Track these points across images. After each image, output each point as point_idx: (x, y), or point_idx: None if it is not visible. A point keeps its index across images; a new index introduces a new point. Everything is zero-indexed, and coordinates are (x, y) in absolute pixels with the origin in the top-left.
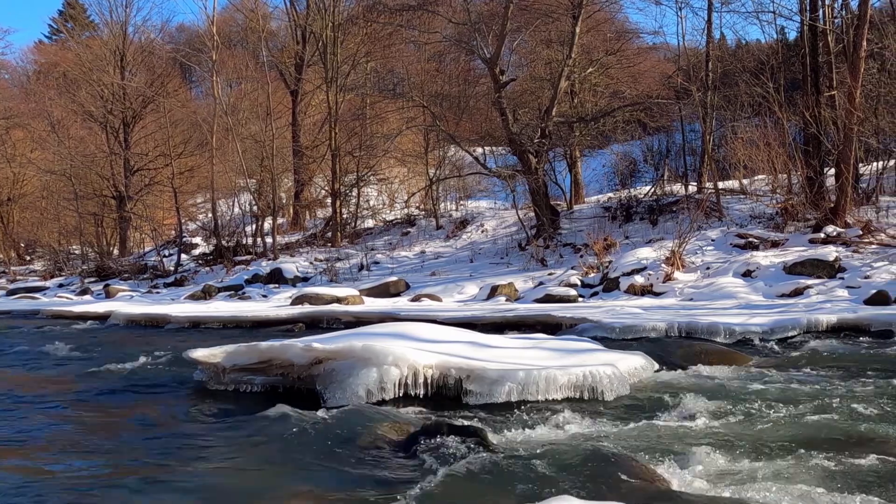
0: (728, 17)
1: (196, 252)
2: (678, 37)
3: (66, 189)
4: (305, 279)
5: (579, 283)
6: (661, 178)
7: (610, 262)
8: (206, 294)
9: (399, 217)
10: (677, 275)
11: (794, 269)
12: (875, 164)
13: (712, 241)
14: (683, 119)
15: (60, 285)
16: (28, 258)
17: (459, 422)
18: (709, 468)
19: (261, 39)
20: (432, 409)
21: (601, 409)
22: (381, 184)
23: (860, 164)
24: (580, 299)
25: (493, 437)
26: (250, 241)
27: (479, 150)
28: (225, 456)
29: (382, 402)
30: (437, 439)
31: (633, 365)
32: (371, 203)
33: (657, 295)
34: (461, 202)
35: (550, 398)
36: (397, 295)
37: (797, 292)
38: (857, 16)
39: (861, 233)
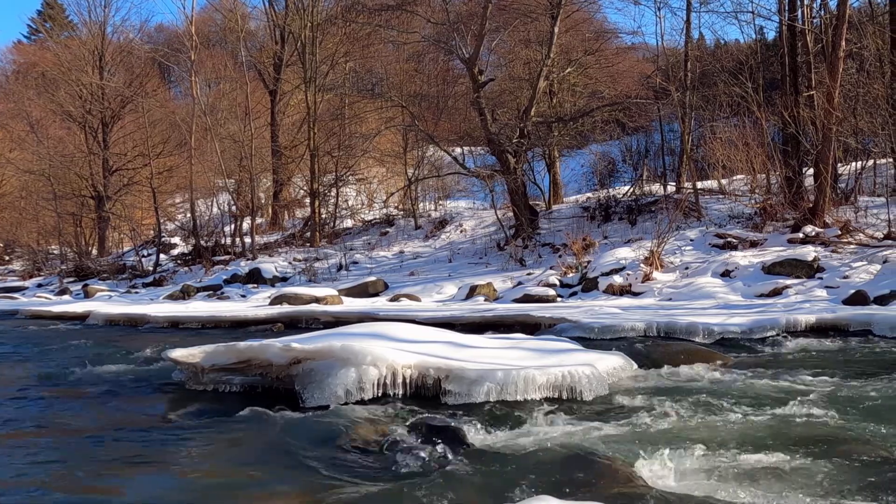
0: (707, 17)
1: (175, 252)
2: (657, 37)
3: (45, 189)
4: (284, 279)
5: (558, 283)
6: (640, 177)
7: (589, 262)
8: (184, 294)
9: (378, 217)
10: (656, 275)
11: (772, 269)
12: (854, 164)
13: (691, 240)
14: (662, 119)
15: (39, 285)
16: (7, 258)
17: (438, 422)
18: (687, 467)
19: (239, 39)
20: (411, 409)
21: (580, 408)
22: (359, 184)
23: (839, 164)
24: (559, 299)
25: (471, 437)
26: (229, 241)
27: (458, 150)
28: (202, 456)
29: (361, 402)
30: (416, 439)
31: (612, 365)
32: (350, 203)
33: (636, 295)
34: (440, 202)
35: (529, 398)
36: (376, 295)
37: (776, 292)
38: (836, 16)
39: (840, 233)
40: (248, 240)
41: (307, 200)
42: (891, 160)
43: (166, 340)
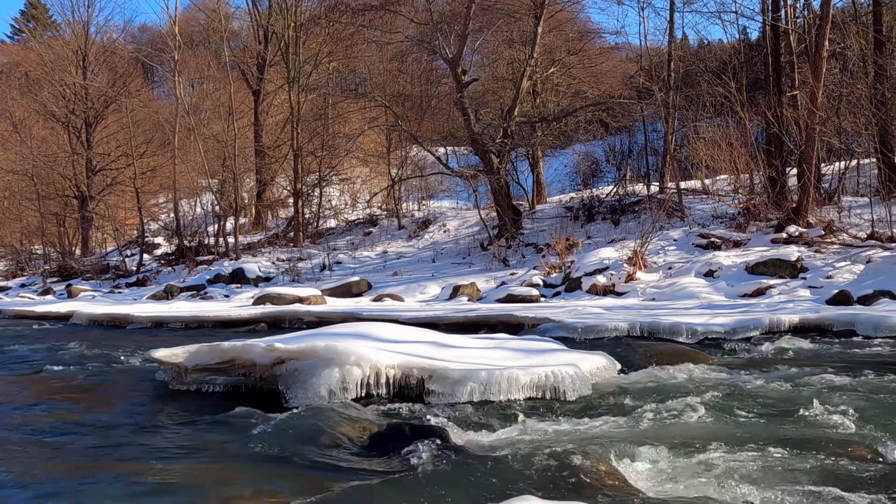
0: (690, 16)
1: (158, 252)
2: (640, 37)
3: (29, 189)
4: (267, 279)
5: (541, 283)
6: (624, 178)
7: (572, 262)
8: (168, 294)
9: (361, 217)
10: (639, 275)
11: (756, 269)
12: (837, 164)
13: (674, 241)
14: (645, 119)
15: (23, 285)
16: None
17: (421, 422)
18: (670, 467)
19: (223, 39)
20: (395, 409)
21: (563, 409)
22: (343, 184)
23: (822, 164)
24: (542, 299)
25: (454, 437)
26: (212, 241)
27: (442, 150)
28: (185, 456)
29: (345, 402)
30: (399, 439)
31: (595, 365)
32: (333, 203)
33: (619, 295)
34: (423, 202)
35: (512, 398)
36: (359, 295)
37: (759, 292)
38: (820, 16)
39: (823, 233)
40: (231, 240)
41: (290, 200)
42: (874, 160)
43: (150, 340)
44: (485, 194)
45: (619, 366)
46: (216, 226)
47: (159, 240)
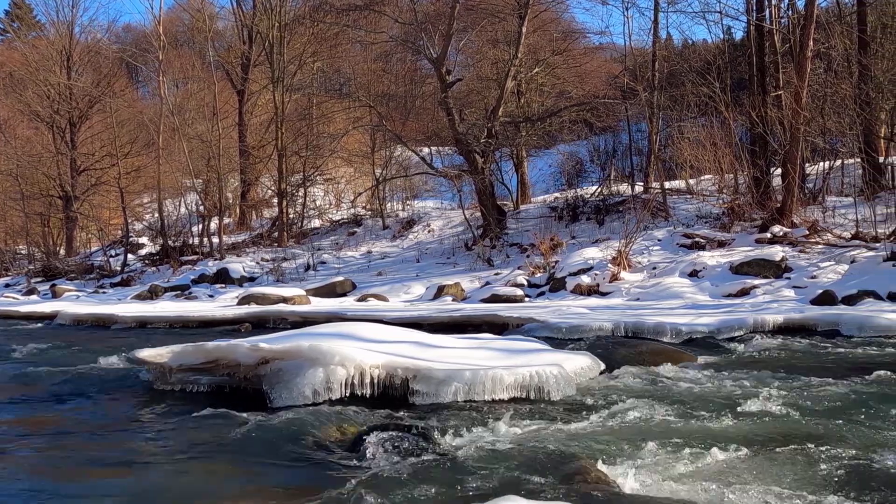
0: (675, 16)
1: (142, 252)
2: (625, 37)
3: (13, 189)
4: (252, 279)
5: (526, 283)
6: (608, 177)
7: (556, 261)
8: (152, 294)
9: (345, 217)
10: (624, 275)
11: (740, 269)
12: (821, 163)
13: (659, 240)
14: (630, 119)
15: (7, 285)
16: None
17: (406, 422)
18: (655, 467)
19: (207, 39)
20: (379, 409)
21: (547, 409)
22: (327, 184)
23: (806, 164)
24: (527, 299)
25: (439, 437)
26: (197, 240)
27: (426, 149)
28: (169, 456)
29: (329, 402)
30: (383, 439)
31: (580, 365)
32: (317, 203)
33: (604, 295)
34: (408, 202)
35: (497, 398)
36: (344, 295)
37: (743, 292)
38: (804, 16)
39: (807, 233)
40: (215, 240)
41: (275, 200)
42: (858, 160)
43: (134, 340)
44: (469, 194)
45: (603, 366)
46: (200, 226)
47: (143, 240)
